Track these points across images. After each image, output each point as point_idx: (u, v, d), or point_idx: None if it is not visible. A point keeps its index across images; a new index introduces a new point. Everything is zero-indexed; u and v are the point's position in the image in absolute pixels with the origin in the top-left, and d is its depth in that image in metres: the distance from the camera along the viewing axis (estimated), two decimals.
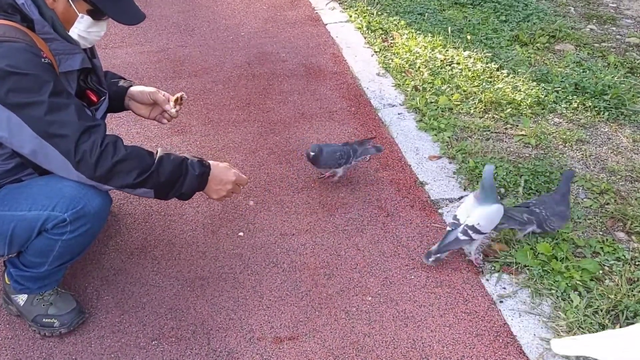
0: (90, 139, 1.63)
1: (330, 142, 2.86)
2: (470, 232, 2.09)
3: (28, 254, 1.82)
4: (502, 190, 2.56)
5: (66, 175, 1.68)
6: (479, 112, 3.15)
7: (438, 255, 2.17)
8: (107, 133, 1.71)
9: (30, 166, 1.77)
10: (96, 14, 1.73)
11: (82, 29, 1.74)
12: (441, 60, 3.63)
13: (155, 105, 2.17)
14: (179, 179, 1.80)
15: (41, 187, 1.73)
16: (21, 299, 1.95)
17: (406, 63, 3.62)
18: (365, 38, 3.99)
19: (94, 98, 1.90)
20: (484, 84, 3.38)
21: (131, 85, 2.18)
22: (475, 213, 2.10)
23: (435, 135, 2.97)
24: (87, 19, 1.73)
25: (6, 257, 1.92)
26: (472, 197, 2.14)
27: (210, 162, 1.91)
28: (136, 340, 1.94)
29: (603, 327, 1.94)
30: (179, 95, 2.11)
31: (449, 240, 2.13)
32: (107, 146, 1.65)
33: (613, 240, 2.32)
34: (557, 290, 2.08)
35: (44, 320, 1.93)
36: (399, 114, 3.17)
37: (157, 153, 1.77)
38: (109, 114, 2.15)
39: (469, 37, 3.90)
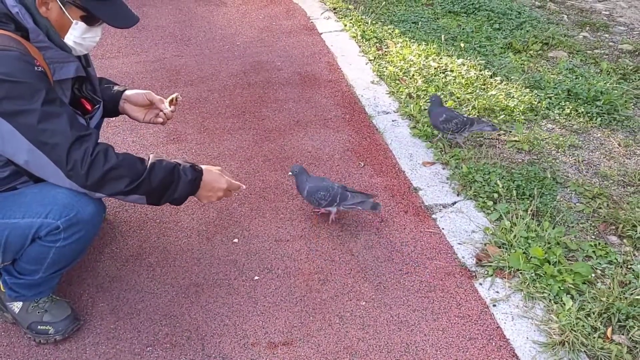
0: (82, 147, 1.64)
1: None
2: None
3: (22, 261, 1.83)
4: (495, 195, 2.58)
5: (58, 183, 1.69)
6: None
7: None
8: (100, 141, 1.73)
9: (25, 174, 1.78)
10: (90, 20, 1.74)
11: (77, 35, 1.76)
12: (435, 68, 3.66)
13: (150, 108, 2.19)
14: (171, 185, 1.82)
15: (35, 194, 1.74)
16: (16, 306, 1.96)
17: (400, 71, 3.65)
18: (359, 47, 4.02)
19: (88, 106, 1.91)
20: (477, 90, 3.41)
21: (126, 89, 2.20)
22: None
23: (429, 141, 2.99)
24: (81, 25, 1.74)
25: (1, 265, 1.92)
26: None
27: (203, 167, 1.93)
28: (131, 346, 1.95)
29: (595, 330, 1.95)
30: (174, 96, 2.13)
31: None
32: (98, 155, 1.67)
33: (605, 243, 2.33)
34: (549, 294, 2.09)
35: (39, 327, 1.93)
36: (393, 120, 3.20)
37: (149, 159, 1.79)
38: (104, 122, 2.17)
39: (462, 45, 3.94)
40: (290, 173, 2.38)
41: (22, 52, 1.61)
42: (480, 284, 2.18)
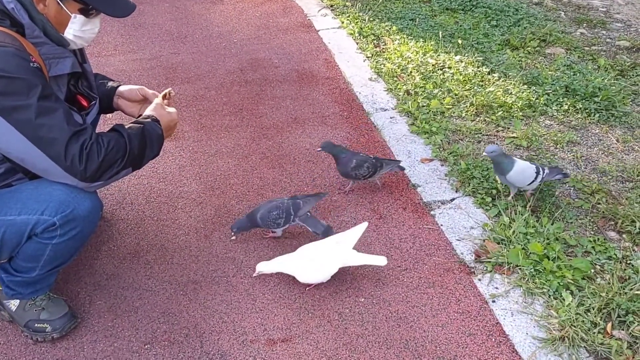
0: (78, 142, 1.64)
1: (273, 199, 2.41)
2: None
3: (19, 258, 1.82)
4: (494, 191, 2.57)
5: (56, 179, 1.68)
6: (471, 115, 3.17)
7: None
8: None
9: (21, 171, 1.77)
10: (88, 12, 1.74)
11: (76, 28, 1.75)
12: (433, 65, 3.65)
13: (144, 104, 2.18)
14: (147, 145, 1.85)
15: (31, 191, 1.73)
16: (13, 304, 1.95)
17: (398, 68, 3.64)
18: (357, 44, 4.01)
19: (84, 103, 1.90)
20: (475, 87, 3.41)
21: (120, 85, 2.19)
22: None
23: (427, 138, 2.99)
24: (80, 17, 1.73)
25: None
26: None
27: (152, 113, 1.95)
28: (129, 344, 1.94)
29: (595, 325, 1.95)
30: (167, 91, 2.12)
31: None
32: (92, 146, 1.67)
33: (604, 239, 2.33)
34: (549, 290, 2.09)
35: (36, 325, 1.92)
36: (391, 117, 3.19)
37: (123, 131, 1.79)
38: (100, 118, 2.15)
39: (460, 41, 3.93)
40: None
41: (17, 48, 1.60)
42: (479, 279, 2.17)
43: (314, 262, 2.10)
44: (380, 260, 2.12)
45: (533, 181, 2.40)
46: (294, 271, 2.10)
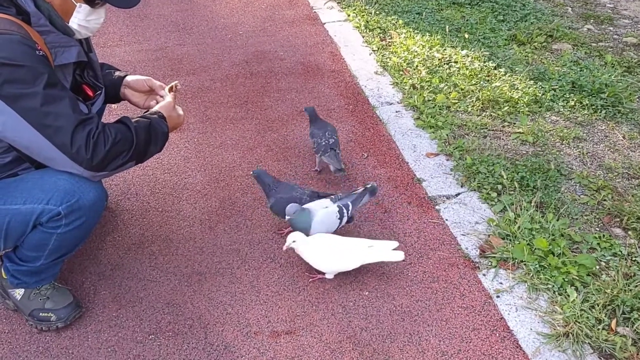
0: (85, 131, 1.64)
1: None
2: None
3: (24, 248, 1.82)
4: (499, 186, 2.57)
5: (61, 168, 1.68)
6: (477, 110, 3.16)
7: None
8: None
9: (27, 160, 1.77)
10: (93, 1, 1.73)
11: (81, 18, 1.74)
12: (439, 59, 3.64)
13: (150, 94, 2.18)
14: (151, 141, 1.86)
15: (36, 180, 1.73)
16: (18, 293, 1.95)
17: (404, 62, 3.63)
18: (363, 37, 4.00)
19: (90, 92, 1.90)
20: (481, 82, 3.39)
21: (127, 75, 2.18)
22: None
23: (433, 132, 2.98)
24: (85, 7, 1.73)
25: (2, 252, 1.91)
26: None
27: (161, 110, 1.97)
28: (133, 334, 1.94)
29: (600, 322, 1.94)
30: (173, 84, 2.12)
31: None
32: (99, 136, 1.67)
33: (610, 236, 2.32)
34: (553, 285, 2.08)
35: (40, 314, 1.93)
36: (396, 111, 3.18)
37: (130, 124, 1.80)
38: (106, 108, 2.15)
39: (466, 36, 3.91)
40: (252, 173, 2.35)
41: (23, 36, 1.59)
42: (484, 275, 2.17)
43: (334, 252, 2.09)
44: (398, 256, 2.10)
45: (340, 224, 2.21)
46: (310, 255, 2.10)
